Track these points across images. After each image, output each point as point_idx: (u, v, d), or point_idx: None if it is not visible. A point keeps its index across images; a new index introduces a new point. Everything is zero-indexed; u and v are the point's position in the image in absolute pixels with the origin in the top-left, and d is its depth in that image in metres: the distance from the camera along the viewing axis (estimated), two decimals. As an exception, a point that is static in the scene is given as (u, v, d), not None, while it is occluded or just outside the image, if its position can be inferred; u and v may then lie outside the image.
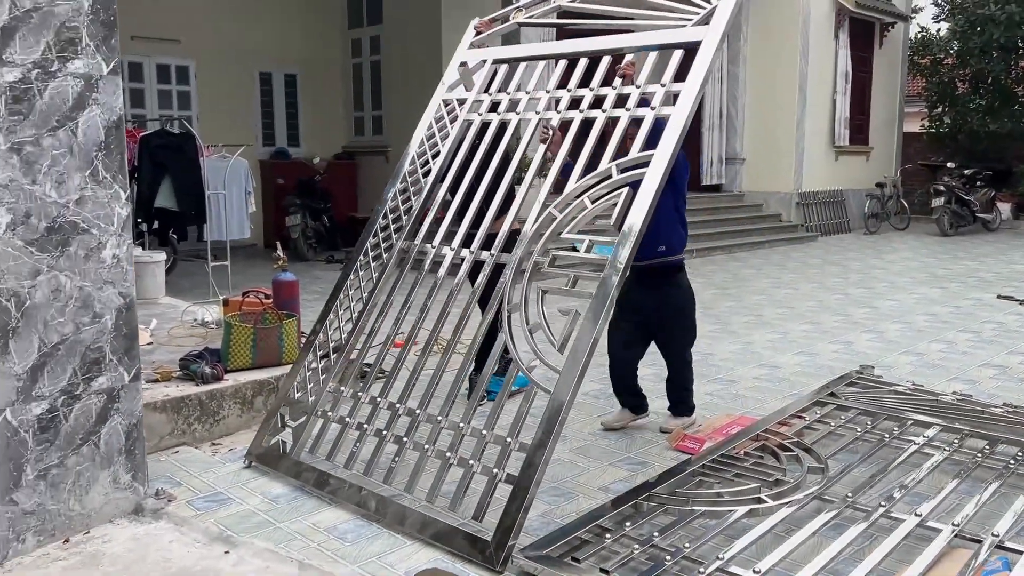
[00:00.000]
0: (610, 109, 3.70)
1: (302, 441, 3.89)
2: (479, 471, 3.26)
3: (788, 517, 3.18)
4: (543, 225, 3.58)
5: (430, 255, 3.97)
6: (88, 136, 3.22)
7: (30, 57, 3.03)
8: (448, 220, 4.08)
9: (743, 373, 5.60)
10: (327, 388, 3.95)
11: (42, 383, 3.16)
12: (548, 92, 3.97)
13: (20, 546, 3.15)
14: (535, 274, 3.53)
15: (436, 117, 4.41)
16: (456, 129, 4.25)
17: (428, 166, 4.28)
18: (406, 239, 4.13)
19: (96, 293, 3.29)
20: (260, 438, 4.04)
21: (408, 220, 4.17)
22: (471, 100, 4.27)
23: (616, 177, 3.46)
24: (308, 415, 3.93)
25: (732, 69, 13.85)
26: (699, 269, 10.44)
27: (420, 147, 4.36)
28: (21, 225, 3.05)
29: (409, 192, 4.30)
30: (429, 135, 4.37)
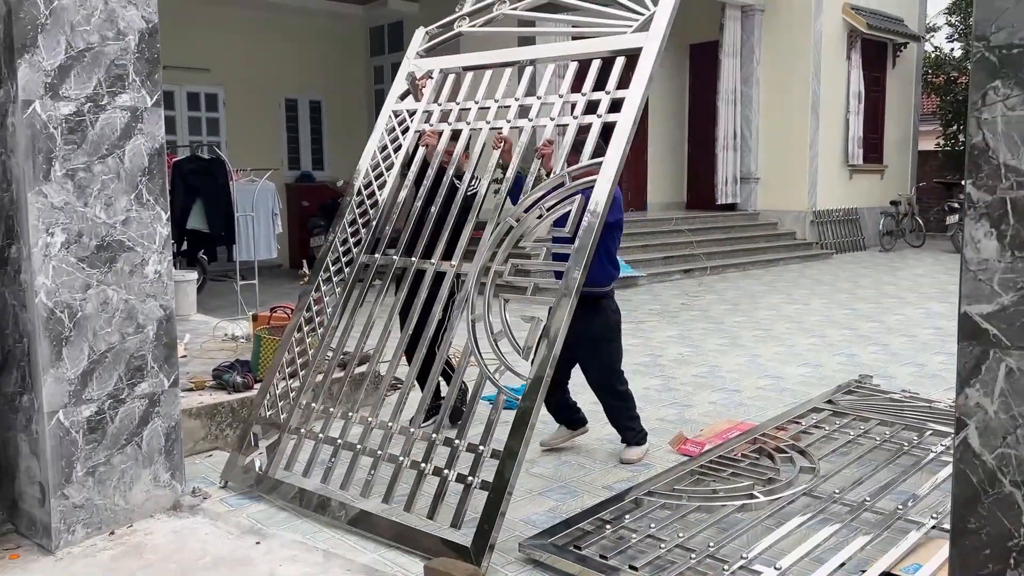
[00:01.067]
0: (558, 117, 3.81)
1: (276, 459, 3.92)
2: (454, 479, 3.34)
3: (778, 512, 3.41)
4: (500, 234, 3.62)
5: (392, 268, 4.05)
6: (134, 163, 3.54)
7: (83, 92, 3.37)
8: (408, 232, 4.09)
9: (748, 383, 5.81)
10: (298, 405, 3.98)
11: (91, 388, 3.47)
12: (496, 101, 4.02)
13: (70, 537, 3.44)
14: (495, 283, 3.57)
15: (387, 128, 4.41)
16: (408, 140, 4.27)
17: (383, 178, 4.30)
18: (367, 252, 4.16)
19: (140, 305, 3.60)
20: (234, 459, 4.05)
21: (367, 234, 4.19)
22: (421, 110, 4.29)
23: (568, 185, 3.54)
24: (280, 432, 3.96)
25: (746, 91, 14.10)
26: (712, 287, 10.66)
27: (373, 159, 4.36)
28: (74, 244, 3.38)
29: (366, 205, 4.30)
30: (381, 147, 4.38)
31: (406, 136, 4.31)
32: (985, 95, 1.37)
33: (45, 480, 3.39)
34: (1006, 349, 1.41)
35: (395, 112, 4.45)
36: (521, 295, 3.53)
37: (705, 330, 7.77)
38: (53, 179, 3.30)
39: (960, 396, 1.48)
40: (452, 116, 4.19)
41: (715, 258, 12.09)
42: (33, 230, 3.26)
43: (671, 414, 5.07)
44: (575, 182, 3.55)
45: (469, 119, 4.14)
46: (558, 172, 3.63)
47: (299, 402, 4.00)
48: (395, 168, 4.28)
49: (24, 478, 3.54)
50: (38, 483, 3.45)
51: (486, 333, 3.49)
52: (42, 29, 3.23)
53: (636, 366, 6.32)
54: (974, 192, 1.41)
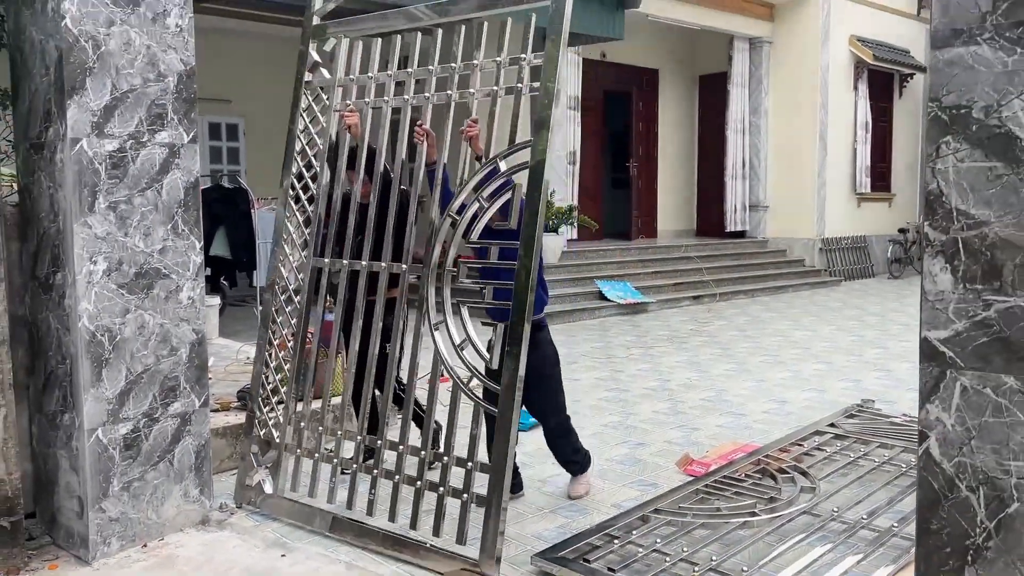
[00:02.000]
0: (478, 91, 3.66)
1: (280, 479, 4.06)
2: (449, 494, 3.49)
3: (779, 529, 3.57)
4: (445, 231, 3.60)
5: (344, 271, 4.03)
6: (171, 195, 3.78)
7: (126, 130, 3.61)
8: (351, 232, 4.03)
9: (754, 407, 5.97)
10: (289, 423, 4.10)
11: (128, 407, 3.68)
12: (411, 73, 3.88)
13: (106, 548, 3.64)
14: (448, 284, 3.58)
15: (304, 108, 4.26)
16: (333, 123, 4.14)
17: (313, 169, 4.22)
18: (316, 255, 4.12)
19: (174, 329, 3.82)
20: (241, 480, 4.16)
21: (312, 235, 4.13)
22: (336, 86, 4.14)
23: (504, 169, 3.49)
24: (279, 451, 4.08)
25: (754, 120, 14.34)
26: (721, 313, 10.83)
27: (299, 146, 4.24)
28: (115, 271, 3.61)
29: (303, 202, 4.25)
30: (303, 130, 4.24)
31: (328, 117, 4.14)
32: (939, 148, 1.57)
33: (84, 494, 3.60)
34: (960, 370, 1.59)
35: (307, 84, 4.26)
36: (477, 300, 3.53)
37: (713, 355, 7.94)
38: (97, 211, 3.53)
39: (922, 411, 1.66)
40: (369, 92, 4.04)
41: (724, 285, 12.26)
42: (78, 259, 3.49)
43: (678, 437, 5.23)
44: (508, 165, 3.48)
45: (387, 94, 3.98)
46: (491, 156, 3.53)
47: (294, 422, 4.12)
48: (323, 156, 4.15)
49: (63, 492, 3.74)
50: (77, 497, 3.65)
51: (449, 341, 3.51)
52: (90, 73, 3.48)
53: (645, 390, 6.49)
54: (931, 232, 1.61)
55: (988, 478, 1.58)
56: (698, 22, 13.12)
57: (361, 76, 4.09)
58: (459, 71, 3.76)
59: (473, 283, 3.59)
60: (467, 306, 3.61)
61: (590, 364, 7.52)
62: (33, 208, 3.74)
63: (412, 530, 3.57)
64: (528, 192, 3.40)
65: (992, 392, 1.56)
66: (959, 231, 1.57)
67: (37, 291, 3.77)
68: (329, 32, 4.22)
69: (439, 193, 3.73)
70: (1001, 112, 1.51)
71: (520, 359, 3.29)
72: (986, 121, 1.52)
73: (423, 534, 3.54)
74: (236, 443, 4.74)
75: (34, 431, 3.90)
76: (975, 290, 1.56)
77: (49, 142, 3.58)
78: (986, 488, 1.58)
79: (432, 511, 3.54)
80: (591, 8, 10.38)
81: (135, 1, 3.59)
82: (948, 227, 1.58)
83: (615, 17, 10.68)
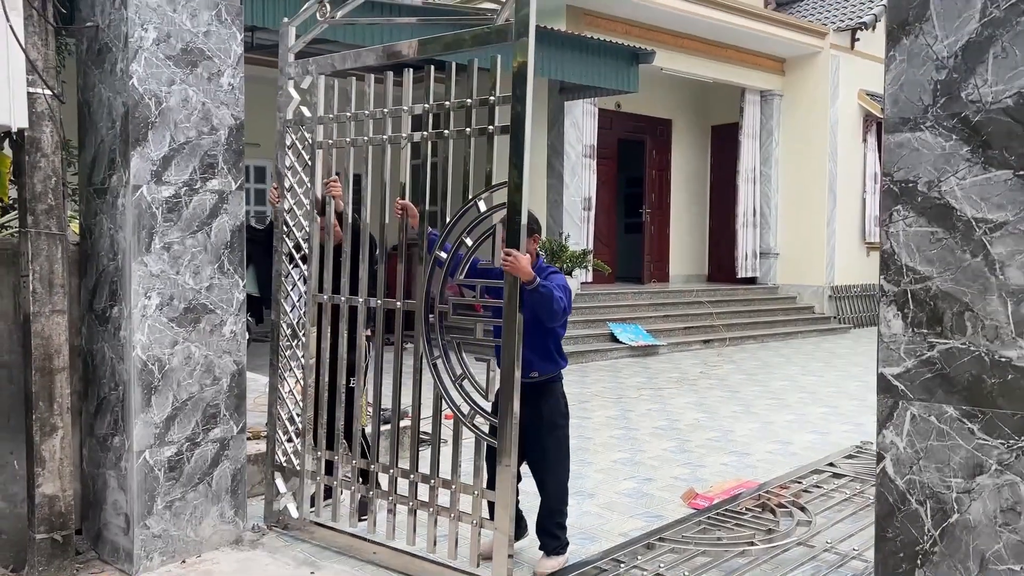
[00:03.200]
0: (454, 129, 3.81)
1: (303, 504, 4.33)
2: (460, 518, 3.75)
3: (774, 558, 3.82)
4: (435, 272, 3.82)
5: (344, 306, 4.25)
6: (219, 237, 4.13)
7: (181, 178, 3.98)
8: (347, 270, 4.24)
9: (758, 448, 6.22)
10: (306, 451, 4.33)
11: (173, 431, 3.99)
12: (386, 111, 4.07)
13: (149, 563, 3.92)
14: (444, 324, 3.76)
15: (288, 145, 4.46)
16: (319, 161, 4.35)
17: (304, 208, 4.44)
18: (318, 291, 4.34)
19: (217, 360, 4.15)
20: (268, 506, 4.46)
21: (310, 269, 4.37)
22: (317, 124, 4.34)
23: (484, 210, 3.70)
24: (300, 479, 4.34)
25: (765, 170, 14.72)
26: (731, 357, 11.08)
27: (287, 184, 4.46)
28: (166, 306, 3.95)
29: (298, 240, 4.47)
30: (289, 167, 4.46)
31: (311, 155, 4.37)
32: (891, 215, 1.88)
33: (131, 511, 3.90)
34: (910, 400, 1.88)
35: (289, 123, 4.45)
36: (469, 336, 3.69)
37: (721, 398, 8.19)
38: (153, 251, 3.89)
39: (879, 436, 1.95)
40: (350, 131, 4.26)
41: (735, 329, 12.52)
42: (135, 294, 3.84)
43: (684, 473, 5.49)
44: (489, 209, 3.68)
45: (367, 132, 4.19)
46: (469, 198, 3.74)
47: (313, 450, 4.38)
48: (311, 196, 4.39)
49: (110, 510, 4.04)
50: (123, 514, 3.95)
51: (447, 375, 3.72)
52: (152, 126, 3.86)
53: (654, 429, 6.75)
54: (885, 285, 1.91)
55: (933, 493, 1.86)
56: (711, 75, 13.58)
57: (340, 114, 4.29)
58: (432, 111, 3.93)
59: (462, 319, 3.75)
60: (459, 342, 3.77)
61: (601, 404, 7.78)
62: (93, 247, 4.10)
63: (431, 552, 3.83)
64: (508, 234, 3.52)
65: (936, 419, 1.84)
66: (908, 284, 1.87)
67: (93, 323, 4.11)
68: (306, 70, 4.40)
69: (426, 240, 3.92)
70: (940, 187, 1.82)
71: (514, 393, 3.43)
72: (928, 194, 1.84)
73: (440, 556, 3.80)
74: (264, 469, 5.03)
75: (84, 453, 4.21)
76: (921, 333, 1.85)
77: (112, 188, 3.95)
78: (932, 501, 1.85)
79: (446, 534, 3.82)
80: (607, 63, 10.85)
81: (193, 63, 3.98)
82: (899, 280, 1.88)
83: (630, 71, 11.13)
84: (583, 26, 11.60)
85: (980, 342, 1.79)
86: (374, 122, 4.22)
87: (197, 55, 4.00)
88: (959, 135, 1.80)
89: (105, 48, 3.93)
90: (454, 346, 3.77)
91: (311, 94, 4.42)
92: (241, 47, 4.19)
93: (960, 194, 1.80)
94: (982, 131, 1.77)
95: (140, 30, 3.80)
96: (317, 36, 4.47)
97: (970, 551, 1.82)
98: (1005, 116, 1.75)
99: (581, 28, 11.53)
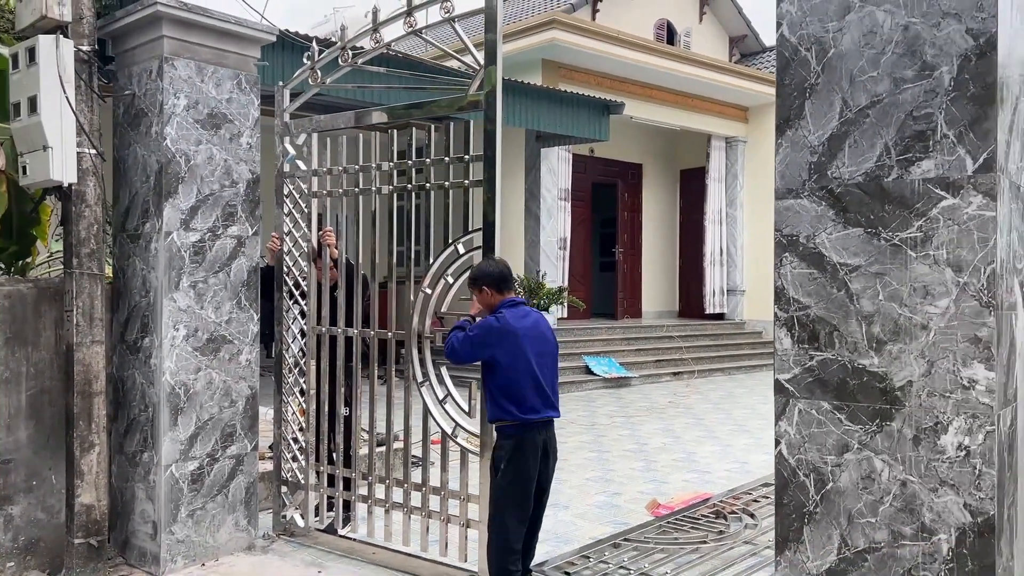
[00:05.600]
0: (435, 182, 4.45)
1: (308, 514, 4.88)
2: (448, 520, 4.30)
3: (722, 554, 4.41)
4: (421, 303, 4.39)
5: (341, 336, 4.79)
6: (237, 277, 4.71)
7: (205, 225, 4.57)
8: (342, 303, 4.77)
9: (718, 467, 6.82)
10: (310, 467, 4.89)
11: (195, 448, 4.53)
12: (372, 167, 4.65)
13: (173, 565, 4.43)
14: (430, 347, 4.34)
15: (286, 194, 5.02)
16: (314, 208, 4.91)
17: (302, 249, 5.00)
18: (317, 324, 4.91)
19: (234, 385, 4.70)
20: (276, 516, 4.98)
21: (308, 305, 4.95)
22: (311, 176, 4.90)
23: (463, 252, 4.29)
24: (304, 491, 4.89)
25: (730, 212, 15.52)
26: (698, 388, 11.71)
27: (286, 227, 4.99)
28: (192, 336, 4.51)
29: (296, 277, 5.04)
30: (288, 213, 5.00)
31: (307, 204, 4.94)
32: (781, 260, 2.52)
33: (158, 519, 4.41)
34: (797, 398, 2.49)
35: (286, 175, 5.03)
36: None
37: (687, 424, 8.80)
38: (181, 288, 4.46)
39: (776, 426, 2.55)
40: (342, 182, 4.85)
41: (703, 362, 13.18)
42: (165, 326, 4.40)
43: (650, 488, 6.07)
44: (466, 248, 4.27)
45: (360, 184, 4.76)
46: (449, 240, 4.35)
47: (315, 465, 4.94)
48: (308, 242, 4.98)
49: (138, 519, 4.56)
50: (151, 522, 4.47)
51: (433, 398, 4.30)
52: (182, 181, 4.46)
53: (623, 452, 7.34)
54: (778, 312, 2.53)
55: (815, 467, 2.46)
56: (678, 123, 14.41)
57: (333, 167, 4.89)
58: (415, 166, 4.56)
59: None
60: (444, 366, 4.33)
61: (576, 430, 8.37)
62: (126, 286, 4.66)
63: (423, 551, 4.38)
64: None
65: (816, 412, 2.45)
66: (794, 311, 2.50)
67: (125, 352, 4.66)
68: (300, 128, 4.98)
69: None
70: (815, 240, 2.46)
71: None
72: (807, 245, 2.47)
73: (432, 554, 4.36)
74: (271, 486, 5.56)
75: (114, 469, 4.72)
76: (804, 348, 2.47)
77: (145, 234, 4.53)
78: (814, 474, 2.46)
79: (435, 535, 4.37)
80: (580, 113, 11.61)
81: (217, 125, 4.60)
82: (788, 309, 2.51)
83: (601, 121, 11.90)
84: (558, 78, 12.38)
85: (844, 354, 2.41)
86: (363, 175, 4.80)
87: (220, 119, 4.61)
88: (827, 202, 2.45)
89: (141, 113, 4.54)
90: (438, 370, 4.36)
91: (306, 148, 5.03)
92: (258, 111, 4.81)
93: (829, 245, 2.44)
94: (842, 199, 2.42)
95: (173, 98, 4.41)
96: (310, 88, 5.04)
97: (841, 510, 2.42)
98: (857, 189, 2.39)
99: (556, 80, 12.31)
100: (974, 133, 2.22)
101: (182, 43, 4.43)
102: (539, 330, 3.80)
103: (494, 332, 3.72)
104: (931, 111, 2.28)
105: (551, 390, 3.74)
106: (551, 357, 3.81)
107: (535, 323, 3.81)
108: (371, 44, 4.59)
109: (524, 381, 3.67)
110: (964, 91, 2.24)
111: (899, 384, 2.32)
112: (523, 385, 3.67)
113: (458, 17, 4.21)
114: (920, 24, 2.30)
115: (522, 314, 3.80)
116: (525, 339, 3.70)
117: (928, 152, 2.29)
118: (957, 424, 2.24)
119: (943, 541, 2.26)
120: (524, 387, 3.67)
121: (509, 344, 3.68)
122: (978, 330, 2.21)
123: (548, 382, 3.73)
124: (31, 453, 4.40)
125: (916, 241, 2.30)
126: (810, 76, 2.47)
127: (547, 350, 3.79)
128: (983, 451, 2.20)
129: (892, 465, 2.33)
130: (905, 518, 2.32)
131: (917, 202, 2.30)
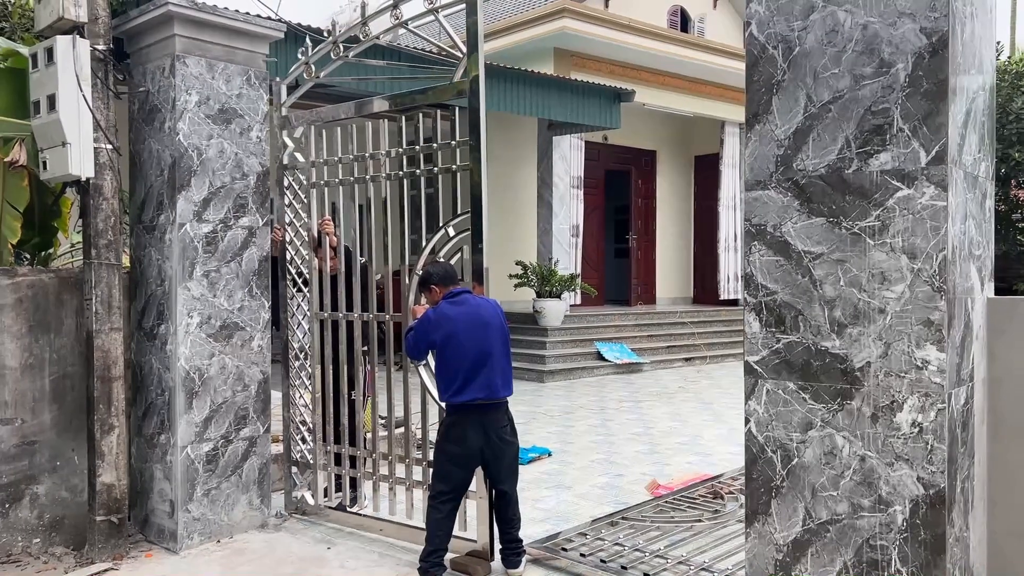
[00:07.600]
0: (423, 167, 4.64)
1: (318, 494, 5.11)
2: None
3: (716, 531, 4.56)
4: (415, 285, 4.54)
5: (343, 321, 5.01)
6: (248, 266, 4.90)
7: (217, 216, 4.76)
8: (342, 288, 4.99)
9: (721, 449, 6.96)
10: (318, 448, 5.12)
11: (210, 430, 4.74)
12: (367, 155, 4.82)
13: (190, 542, 4.65)
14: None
15: (286, 186, 5.22)
16: (314, 199, 5.10)
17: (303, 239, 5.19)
18: (320, 309, 5.10)
19: (246, 370, 4.90)
20: (288, 496, 5.20)
21: (311, 291, 5.13)
22: (312, 167, 5.08)
23: (452, 235, 4.51)
24: (314, 471, 5.12)
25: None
26: (710, 374, 11.83)
27: (288, 221, 5.21)
28: (205, 324, 4.71)
29: (299, 267, 5.23)
30: (288, 204, 5.22)
31: (311, 193, 5.13)
32: (751, 248, 2.65)
33: (175, 498, 4.63)
34: (765, 379, 2.63)
35: (286, 166, 5.22)
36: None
37: (695, 408, 8.93)
38: (194, 277, 4.66)
39: (746, 405, 2.69)
40: (337, 171, 5.03)
41: (715, 348, 13.27)
42: (179, 314, 4.60)
43: (652, 470, 6.22)
44: (455, 231, 4.49)
45: (360, 173, 4.97)
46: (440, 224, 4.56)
47: (323, 445, 5.15)
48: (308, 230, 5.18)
49: (156, 498, 4.78)
50: (168, 501, 4.69)
51: (430, 375, 4.44)
52: (194, 174, 4.64)
53: (629, 435, 7.49)
54: (747, 297, 2.67)
55: (781, 444, 2.60)
56: (691, 110, 14.45)
57: (329, 157, 5.08)
58: (405, 153, 4.75)
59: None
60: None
61: (585, 415, 8.53)
62: (143, 275, 4.87)
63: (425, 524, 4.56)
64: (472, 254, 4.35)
65: (782, 392, 2.59)
66: (762, 297, 2.63)
67: (142, 339, 4.87)
68: (298, 120, 5.19)
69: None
70: (781, 229, 2.59)
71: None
72: (774, 234, 2.60)
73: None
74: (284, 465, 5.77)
75: (133, 450, 4.95)
76: (771, 331, 2.61)
77: (160, 225, 4.72)
78: (781, 451, 2.60)
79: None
80: (591, 102, 11.71)
81: (228, 120, 4.78)
82: (756, 294, 2.65)
83: (613, 109, 11.99)
84: (570, 67, 12.47)
85: (808, 337, 2.54)
86: (357, 164, 5.00)
87: (231, 114, 4.79)
88: (792, 193, 2.58)
89: (155, 109, 4.73)
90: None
91: (303, 140, 5.22)
92: (266, 106, 4.99)
93: (794, 234, 2.57)
94: (807, 191, 2.54)
95: (185, 94, 4.59)
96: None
97: (805, 484, 2.56)
98: (820, 181, 2.52)
99: (568, 69, 12.40)
100: (927, 127, 2.34)
101: (193, 41, 4.61)
102: (478, 315, 4.02)
103: (432, 323, 4.05)
104: (888, 106, 2.40)
105: (494, 372, 3.97)
106: (496, 341, 4.02)
107: (474, 309, 4.04)
108: (361, 37, 4.76)
109: (456, 365, 3.95)
110: (918, 87, 2.36)
111: (858, 365, 2.45)
112: (455, 369, 3.95)
113: (442, 7, 4.36)
114: (878, 23, 2.42)
115: (459, 302, 4.07)
116: (458, 324, 3.97)
117: (885, 145, 2.41)
118: (911, 402, 2.37)
119: (898, 512, 2.40)
120: (456, 371, 3.94)
121: (444, 331, 3.99)
122: (931, 314, 2.34)
123: (488, 364, 3.95)
124: (55, 435, 4.63)
125: (874, 230, 2.42)
126: (777, 73, 2.60)
127: (487, 335, 4.00)
128: (935, 427, 2.34)
129: (852, 441, 2.47)
130: (864, 491, 2.46)
131: (875, 193, 2.42)
